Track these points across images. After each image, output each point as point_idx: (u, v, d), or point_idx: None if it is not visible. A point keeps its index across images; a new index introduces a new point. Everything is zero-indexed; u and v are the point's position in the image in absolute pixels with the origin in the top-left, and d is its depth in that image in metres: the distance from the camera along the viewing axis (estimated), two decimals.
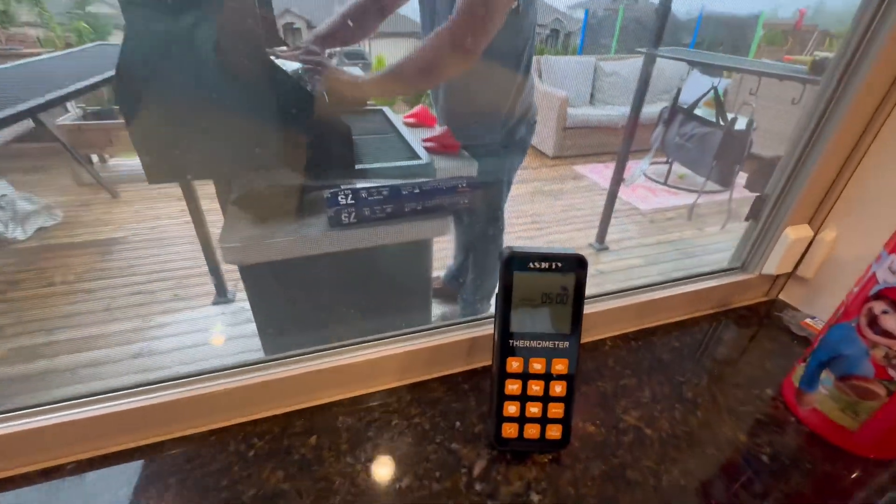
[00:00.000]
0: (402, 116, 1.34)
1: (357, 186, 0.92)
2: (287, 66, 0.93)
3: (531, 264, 0.38)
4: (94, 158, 2.60)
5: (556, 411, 0.40)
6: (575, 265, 0.38)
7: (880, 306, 0.38)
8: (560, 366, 0.39)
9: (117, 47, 0.74)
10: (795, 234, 0.58)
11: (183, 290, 1.91)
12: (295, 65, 0.93)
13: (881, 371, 0.39)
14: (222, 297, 1.87)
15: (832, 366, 0.43)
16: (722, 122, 2.40)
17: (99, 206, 2.39)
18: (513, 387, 0.39)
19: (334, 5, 1.13)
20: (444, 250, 1.77)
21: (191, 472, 0.38)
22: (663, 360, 0.54)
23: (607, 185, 2.41)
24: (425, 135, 1.17)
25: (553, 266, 0.38)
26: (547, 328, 0.39)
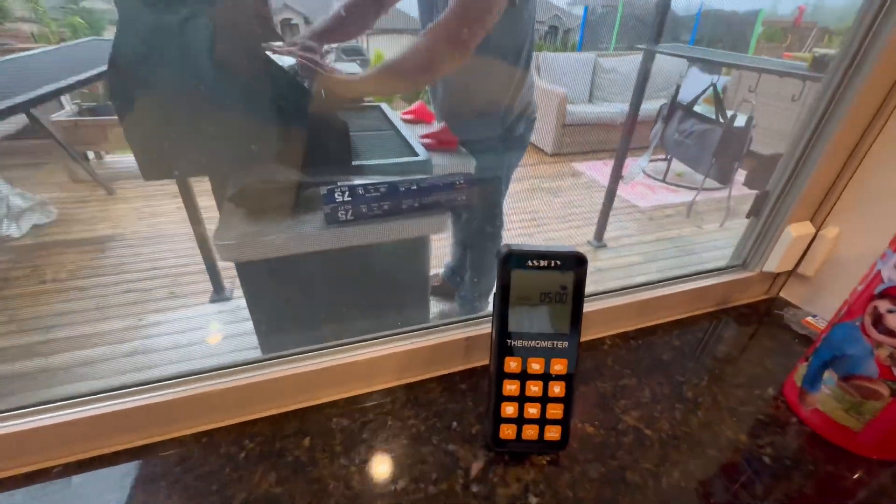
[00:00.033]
0: (400, 113, 1.33)
1: (354, 183, 0.91)
2: (284, 61, 0.92)
3: (529, 262, 0.37)
4: (90, 155, 2.58)
5: (554, 412, 0.39)
6: (574, 263, 0.37)
7: (885, 305, 0.37)
8: (559, 366, 0.38)
9: (111, 42, 0.73)
10: (797, 231, 0.58)
11: (179, 288, 1.90)
12: (292, 60, 0.91)
13: (886, 371, 0.38)
14: (219, 295, 1.86)
15: (835, 365, 0.43)
16: (721, 118, 2.39)
17: (94, 203, 2.38)
18: (511, 387, 0.38)
19: (333, 1, 1.12)
20: (442, 248, 1.76)
21: (181, 476, 0.37)
22: (663, 359, 0.53)
23: (606, 183, 2.41)
24: (423, 131, 1.16)
25: (552, 264, 0.37)
26: (546, 328, 0.38)
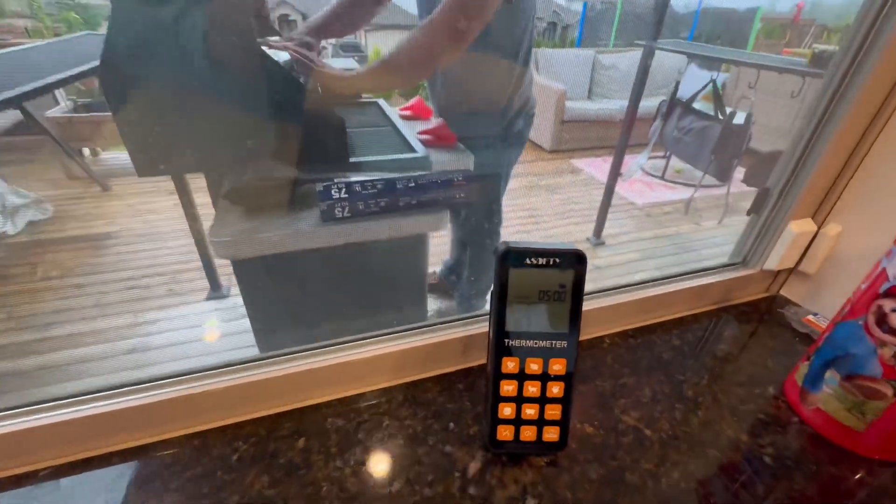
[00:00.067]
0: (398, 109, 1.32)
1: (350, 180, 0.90)
2: (279, 57, 0.90)
3: (528, 260, 0.36)
4: (86, 151, 2.56)
5: (553, 413, 0.38)
6: (573, 261, 0.36)
7: (890, 304, 0.37)
8: (558, 366, 0.37)
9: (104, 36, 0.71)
10: (799, 228, 0.57)
11: (177, 286, 1.89)
12: (287, 55, 0.90)
13: (889, 371, 0.38)
14: (216, 293, 1.85)
15: (837, 365, 0.42)
16: (720, 115, 2.38)
17: (90, 200, 2.36)
18: (508, 388, 0.38)
19: None
20: (440, 245, 1.75)
21: (172, 478, 0.36)
22: (663, 358, 0.53)
23: (604, 180, 2.40)
24: (421, 127, 1.15)
25: (551, 262, 0.36)
26: (544, 327, 0.37)
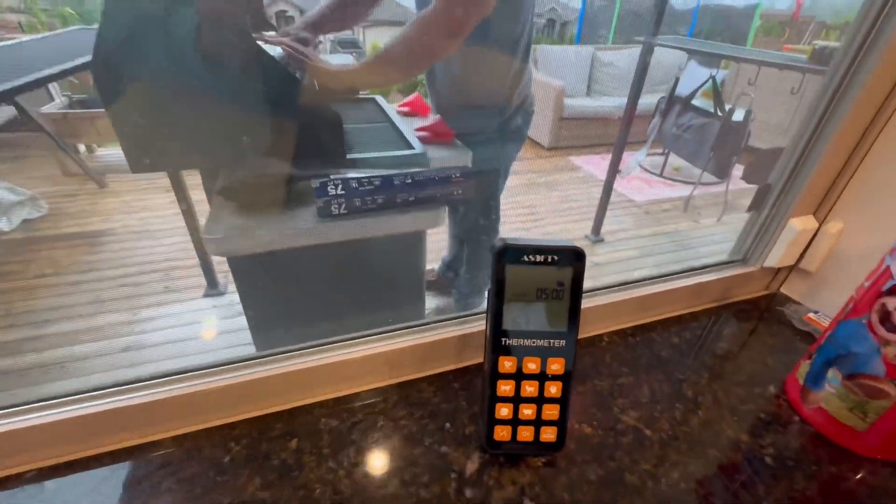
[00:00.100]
0: (396, 105, 1.31)
1: (347, 176, 0.89)
2: (274, 51, 0.89)
3: (525, 257, 0.35)
4: (81, 148, 2.54)
5: (550, 413, 0.37)
6: (572, 258, 0.35)
7: (894, 302, 0.36)
8: (556, 365, 0.37)
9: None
10: (800, 225, 0.56)
11: (173, 283, 1.88)
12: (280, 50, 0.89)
13: (893, 370, 0.37)
14: (213, 290, 1.84)
15: (839, 363, 0.41)
16: (720, 112, 2.37)
17: (86, 197, 2.35)
18: (505, 388, 0.37)
19: None
20: (439, 242, 1.74)
21: (161, 480, 0.36)
22: (662, 356, 0.52)
23: (603, 177, 2.39)
24: (419, 124, 1.14)
25: (549, 259, 0.35)
26: (542, 325, 0.36)
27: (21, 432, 0.35)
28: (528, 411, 0.37)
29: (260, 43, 0.86)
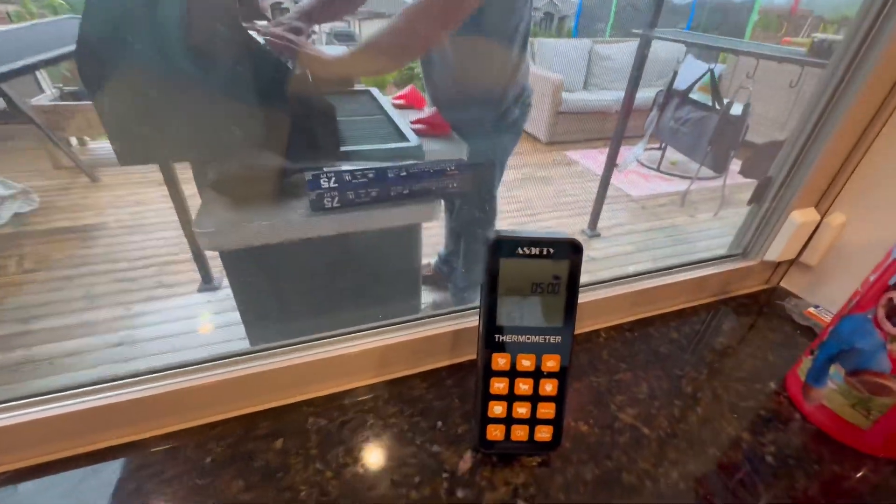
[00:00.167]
0: (391, 98, 1.29)
1: (340, 169, 0.88)
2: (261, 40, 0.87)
3: (520, 250, 0.33)
4: (73, 141, 2.51)
5: (546, 412, 0.36)
6: (568, 251, 0.34)
7: None
8: (551, 362, 0.35)
9: None
10: (801, 218, 0.55)
11: (167, 278, 1.86)
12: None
13: None
14: (208, 285, 1.83)
15: (843, 359, 0.40)
16: (718, 106, 2.36)
17: (78, 191, 2.32)
18: (499, 385, 0.35)
19: None
20: (435, 236, 1.73)
21: (140, 483, 0.34)
22: (661, 352, 0.51)
23: (600, 172, 2.38)
24: (415, 117, 1.13)
25: (544, 252, 0.34)
26: (537, 321, 0.35)
27: None
28: (522, 410, 0.36)
29: (252, 33, 0.84)
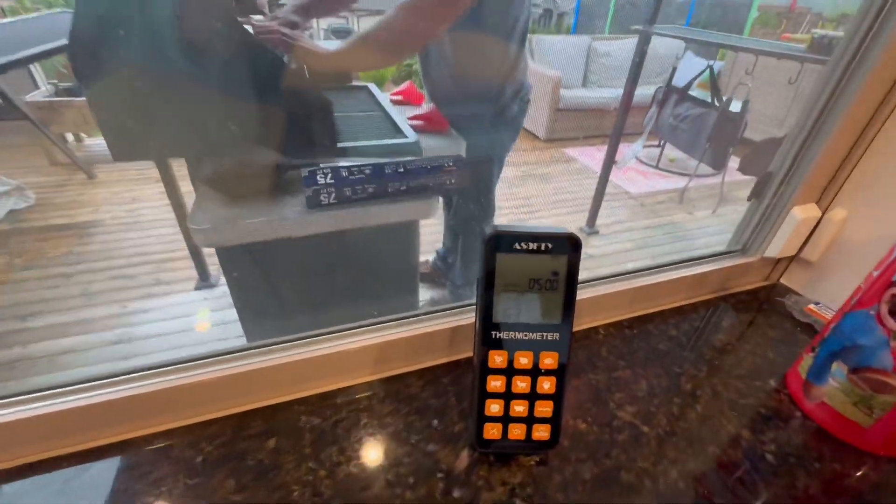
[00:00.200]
0: (389, 94, 1.28)
1: (337, 165, 0.87)
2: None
3: (517, 245, 0.33)
4: (69, 137, 2.49)
5: (543, 410, 0.35)
6: (567, 246, 0.33)
7: None
8: (549, 360, 0.35)
9: None
10: (802, 213, 0.54)
11: (164, 275, 1.85)
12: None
13: None
14: (205, 282, 1.82)
15: (845, 356, 0.40)
16: (717, 102, 2.35)
17: (74, 188, 2.30)
18: (496, 383, 0.35)
19: None
20: (434, 234, 1.72)
21: (128, 483, 0.33)
22: (660, 349, 0.50)
23: (598, 169, 2.37)
24: (412, 113, 1.12)
25: (542, 247, 0.33)
26: (535, 318, 0.34)
27: None
28: (519, 408, 0.35)
29: (247, 27, 0.84)
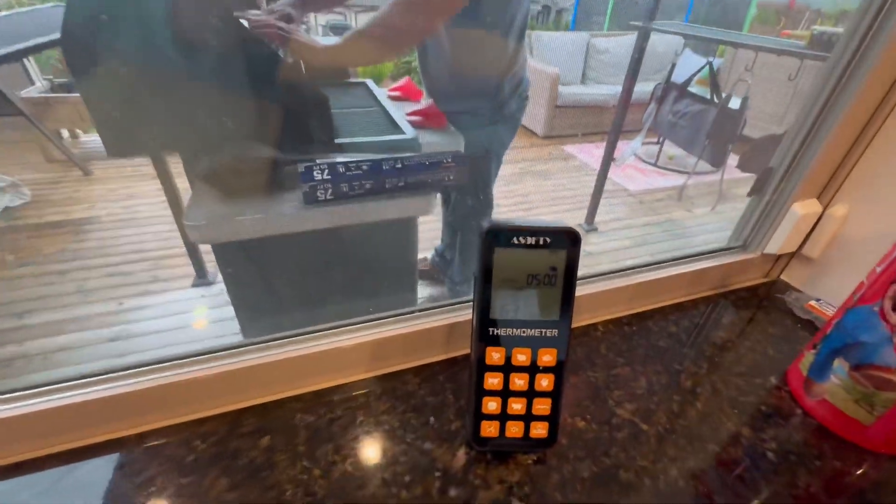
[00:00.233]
0: (387, 90, 1.27)
1: (334, 160, 0.86)
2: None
3: (515, 239, 0.32)
4: (65, 133, 2.48)
5: (541, 408, 0.35)
6: (566, 241, 0.33)
7: None
8: (547, 356, 0.34)
9: None
10: (803, 209, 0.54)
11: (161, 272, 1.84)
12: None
13: None
14: (202, 280, 1.81)
15: (847, 353, 0.39)
16: (716, 99, 2.34)
17: (70, 184, 2.29)
18: (493, 381, 0.34)
19: None
20: (433, 231, 1.71)
21: (118, 482, 0.33)
22: (659, 346, 0.50)
23: (597, 166, 2.37)
24: (410, 109, 1.11)
25: (541, 242, 0.32)
26: (533, 314, 0.34)
27: None
28: (517, 406, 0.35)
29: (243, 21, 0.83)
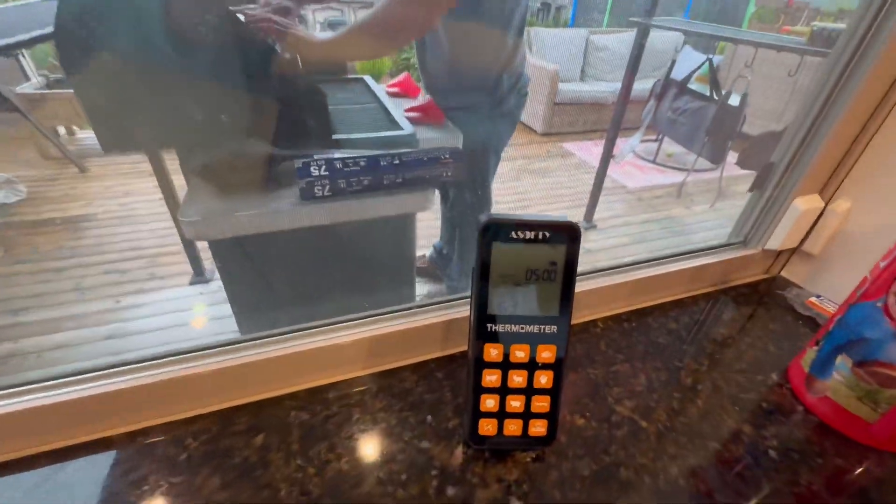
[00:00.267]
0: (385, 86, 1.27)
1: (332, 156, 0.85)
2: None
3: (514, 234, 0.31)
4: (61, 130, 2.46)
5: (540, 405, 0.34)
6: (566, 236, 0.32)
7: None
8: (546, 353, 0.34)
9: None
10: (805, 205, 0.53)
11: (158, 270, 1.83)
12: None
13: None
14: (199, 277, 1.80)
15: (850, 350, 0.39)
16: (716, 96, 2.34)
17: (66, 181, 2.27)
18: (491, 378, 0.34)
19: None
20: (431, 227, 1.71)
21: (109, 482, 0.32)
22: (659, 343, 0.49)
23: (596, 164, 2.36)
24: (409, 105, 1.10)
25: (540, 236, 0.32)
26: (532, 310, 0.33)
27: None
28: (515, 403, 0.34)
29: (239, 15, 0.82)
